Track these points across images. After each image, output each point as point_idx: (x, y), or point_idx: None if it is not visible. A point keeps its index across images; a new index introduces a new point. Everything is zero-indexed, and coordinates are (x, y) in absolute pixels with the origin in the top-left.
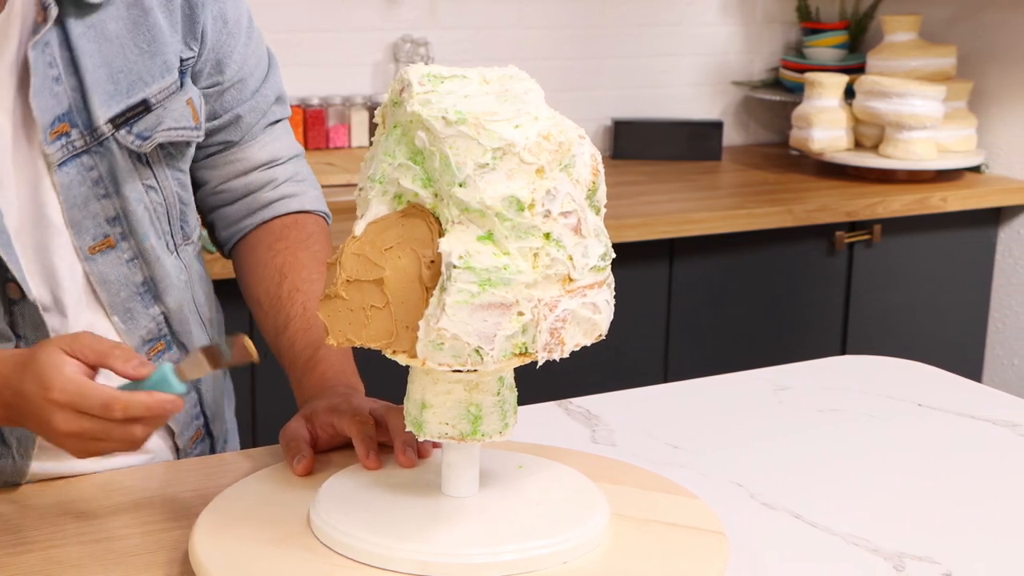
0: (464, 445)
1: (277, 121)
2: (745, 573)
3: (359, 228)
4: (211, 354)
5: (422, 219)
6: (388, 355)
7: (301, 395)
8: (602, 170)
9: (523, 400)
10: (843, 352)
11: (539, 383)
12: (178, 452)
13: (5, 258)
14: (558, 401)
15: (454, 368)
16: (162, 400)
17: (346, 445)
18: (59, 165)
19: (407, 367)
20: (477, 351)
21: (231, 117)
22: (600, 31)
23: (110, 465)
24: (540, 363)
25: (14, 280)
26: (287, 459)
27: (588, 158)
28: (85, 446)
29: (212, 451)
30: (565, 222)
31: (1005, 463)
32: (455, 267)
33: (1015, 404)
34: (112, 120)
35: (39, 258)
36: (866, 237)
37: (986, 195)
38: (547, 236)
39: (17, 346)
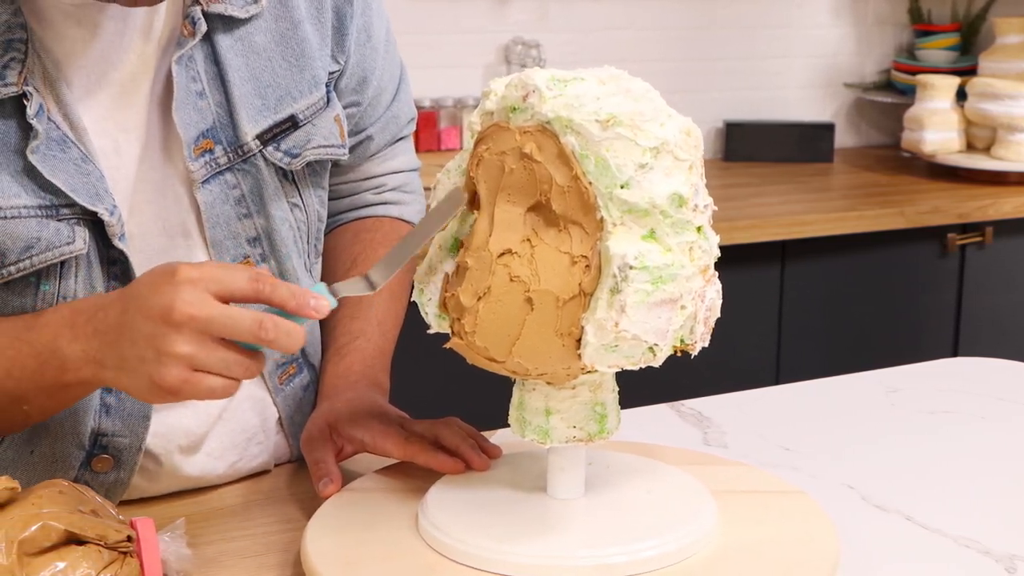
0: (570, 448)
1: (402, 137)
2: (857, 575)
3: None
4: (369, 279)
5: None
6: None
7: (324, 380)
8: None
9: (635, 402)
10: (955, 354)
11: (651, 385)
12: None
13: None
14: (670, 403)
15: (624, 368)
16: (310, 297)
17: None
18: (203, 183)
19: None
20: (651, 349)
21: (363, 137)
22: (710, 33)
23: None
24: (695, 353)
25: None
26: (313, 477)
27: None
28: (192, 375)
29: (306, 386)
30: (707, 215)
31: None
32: (632, 267)
33: None
34: (260, 136)
35: None
36: (978, 239)
37: None
38: (699, 229)
39: None
